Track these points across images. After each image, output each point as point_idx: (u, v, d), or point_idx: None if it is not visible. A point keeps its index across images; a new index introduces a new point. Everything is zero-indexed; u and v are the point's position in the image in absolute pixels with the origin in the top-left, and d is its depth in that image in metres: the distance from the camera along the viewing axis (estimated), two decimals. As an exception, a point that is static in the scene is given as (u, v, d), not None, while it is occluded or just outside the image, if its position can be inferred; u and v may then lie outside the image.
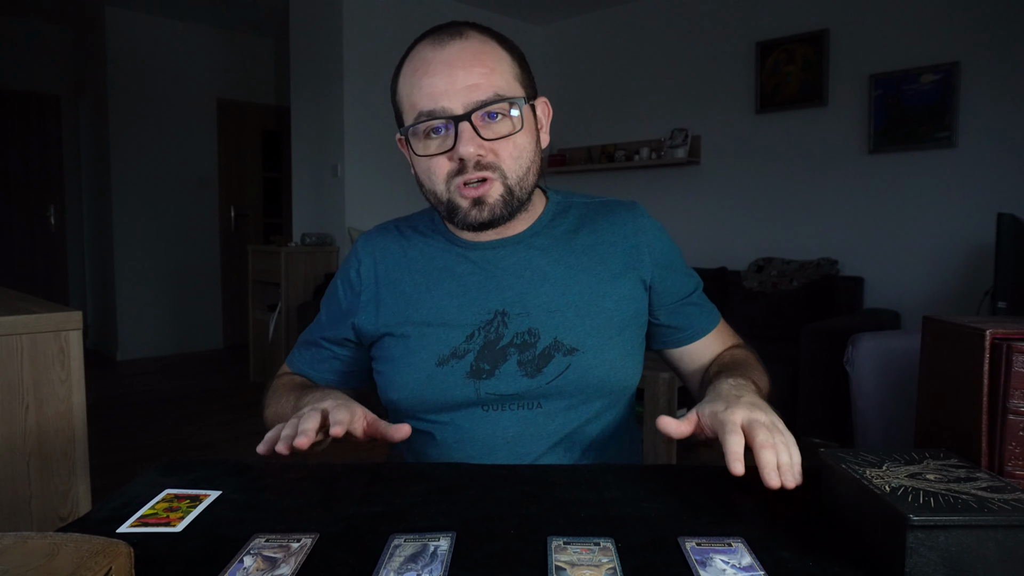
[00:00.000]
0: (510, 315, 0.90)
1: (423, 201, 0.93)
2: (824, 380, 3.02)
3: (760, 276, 3.97)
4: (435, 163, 0.85)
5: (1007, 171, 3.32)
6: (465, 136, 0.82)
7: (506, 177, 0.85)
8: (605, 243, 0.95)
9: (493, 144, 0.84)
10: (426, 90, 0.83)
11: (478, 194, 0.85)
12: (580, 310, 0.90)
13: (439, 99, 0.82)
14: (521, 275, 0.91)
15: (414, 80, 0.85)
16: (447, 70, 0.82)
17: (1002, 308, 2.41)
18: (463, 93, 0.82)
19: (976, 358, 0.65)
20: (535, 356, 0.88)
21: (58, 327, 1.41)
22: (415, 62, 0.86)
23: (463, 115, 0.82)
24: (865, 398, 1.36)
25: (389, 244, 0.99)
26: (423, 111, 0.83)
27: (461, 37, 0.85)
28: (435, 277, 0.93)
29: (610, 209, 0.98)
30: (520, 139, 0.86)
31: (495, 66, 0.84)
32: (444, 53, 0.83)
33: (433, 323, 0.91)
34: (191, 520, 0.63)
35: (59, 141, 5.58)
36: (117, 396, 4.24)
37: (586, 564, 0.54)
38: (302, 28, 4.61)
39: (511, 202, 0.87)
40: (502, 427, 0.89)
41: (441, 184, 0.86)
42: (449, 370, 0.89)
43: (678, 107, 4.55)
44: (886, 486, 0.55)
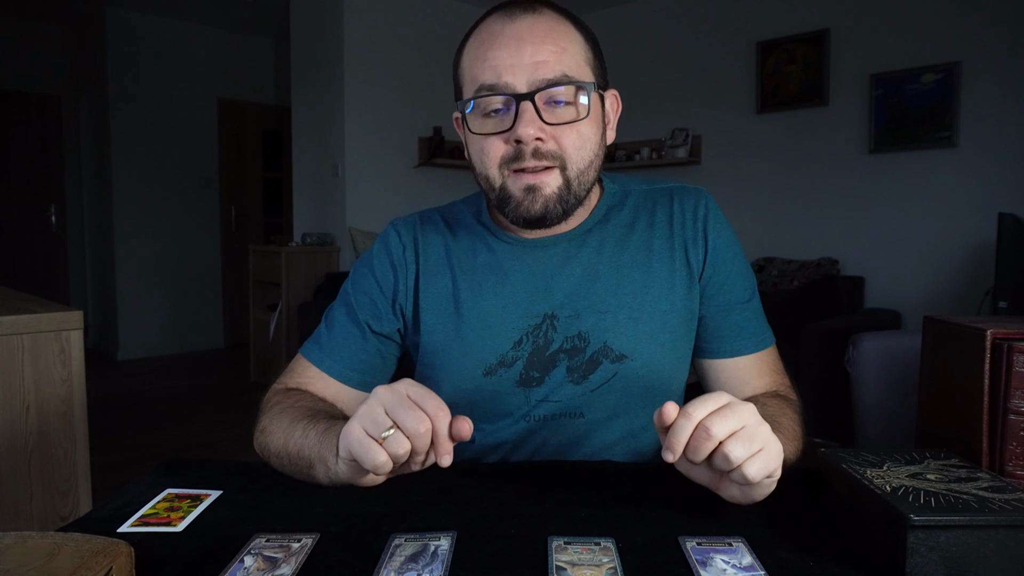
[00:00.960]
0: (559, 318, 0.84)
1: (423, 201, 0.91)
2: (825, 380, 3.01)
3: (761, 276, 3.97)
4: (490, 144, 0.78)
5: (1008, 171, 3.32)
6: (526, 117, 0.75)
7: (566, 168, 0.78)
8: (662, 236, 0.88)
9: (555, 130, 0.77)
10: (490, 63, 0.76)
11: (535, 180, 0.78)
12: (632, 312, 0.84)
13: (502, 73, 0.76)
14: (571, 275, 0.85)
15: (479, 52, 0.78)
16: (515, 44, 0.76)
17: (1003, 308, 2.41)
18: (529, 69, 0.75)
19: (977, 358, 0.65)
20: (583, 362, 0.84)
21: (59, 327, 1.41)
22: (482, 34, 0.80)
23: (526, 94, 0.75)
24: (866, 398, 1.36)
25: (431, 234, 0.91)
26: (484, 84, 0.77)
27: (534, 12, 0.78)
28: (480, 275, 0.87)
29: (671, 197, 0.90)
30: (585, 128, 0.79)
31: (567, 46, 0.78)
32: (514, 26, 0.77)
33: (477, 327, 0.85)
34: (192, 520, 0.63)
35: (60, 141, 5.59)
36: (118, 396, 4.24)
37: (587, 564, 0.54)
38: (302, 28, 4.62)
39: (567, 197, 0.79)
40: (542, 438, 0.86)
41: (494, 168, 0.79)
42: (497, 380, 0.84)
43: (679, 107, 4.55)
44: (887, 486, 0.55)
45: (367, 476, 0.65)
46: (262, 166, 6.06)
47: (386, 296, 0.89)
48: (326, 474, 0.68)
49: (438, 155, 4.59)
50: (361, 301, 0.90)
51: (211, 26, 5.59)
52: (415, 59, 4.58)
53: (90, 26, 5.30)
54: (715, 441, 0.58)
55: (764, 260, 4.04)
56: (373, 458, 0.60)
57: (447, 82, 0.88)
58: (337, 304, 0.92)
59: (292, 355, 0.94)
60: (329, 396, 0.88)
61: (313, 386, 0.88)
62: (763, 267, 4.00)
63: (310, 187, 4.67)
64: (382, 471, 0.61)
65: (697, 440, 0.59)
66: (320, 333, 0.91)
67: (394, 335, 0.91)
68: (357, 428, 0.61)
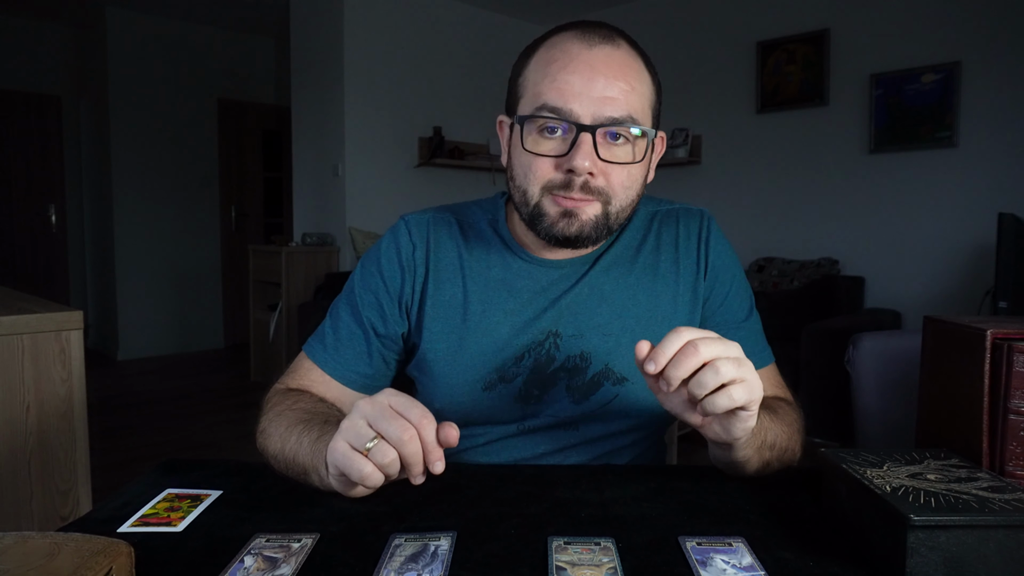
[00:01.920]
0: (563, 336, 0.85)
1: (423, 202, 0.90)
2: (825, 380, 3.02)
3: (761, 276, 3.97)
4: (540, 163, 0.77)
5: (1008, 171, 3.32)
6: (584, 148, 0.74)
7: (609, 204, 0.78)
8: (668, 259, 0.89)
9: (607, 167, 0.77)
10: (559, 84, 0.75)
11: (574, 206, 0.77)
12: (636, 335, 0.84)
13: (570, 100, 0.75)
14: (579, 294, 0.86)
15: (548, 71, 0.76)
16: (588, 72, 0.75)
17: (1003, 308, 2.41)
18: (597, 103, 0.74)
19: (977, 358, 0.65)
20: (584, 382, 0.85)
21: (59, 327, 1.41)
22: (554, 51, 0.77)
23: (589, 126, 0.74)
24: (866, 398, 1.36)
25: (443, 238, 0.89)
26: (548, 105, 0.75)
27: (612, 44, 0.78)
28: (492, 290, 0.87)
29: (676, 219, 0.91)
30: (635, 170, 0.79)
31: (637, 86, 0.78)
32: (591, 54, 0.76)
33: (483, 342, 0.85)
34: (192, 520, 0.63)
35: (60, 141, 5.59)
36: (118, 396, 4.24)
37: (587, 564, 0.54)
38: (303, 28, 4.62)
39: (603, 228, 0.79)
40: (535, 445, 0.87)
41: (536, 187, 0.78)
42: (496, 395, 0.85)
43: (679, 107, 4.55)
44: (887, 486, 0.55)
45: (357, 488, 0.65)
46: (262, 166, 6.06)
47: (392, 298, 0.88)
48: (320, 483, 0.68)
49: (438, 155, 4.59)
50: (367, 301, 0.88)
51: (211, 26, 5.59)
52: (415, 59, 4.58)
53: (90, 26, 5.30)
54: (701, 359, 0.59)
55: (764, 260, 4.04)
56: (359, 470, 0.60)
57: (447, 82, 0.88)
58: (343, 301, 0.91)
59: (292, 355, 0.92)
60: (331, 397, 0.87)
61: (315, 387, 0.87)
62: (763, 267, 4.00)
63: (310, 187, 4.67)
64: (370, 482, 0.61)
65: (683, 354, 0.60)
66: (325, 332, 0.90)
67: (399, 338, 0.90)
68: (341, 443, 0.61)
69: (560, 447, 0.87)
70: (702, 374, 0.60)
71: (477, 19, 4.90)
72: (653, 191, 0.89)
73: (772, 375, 0.91)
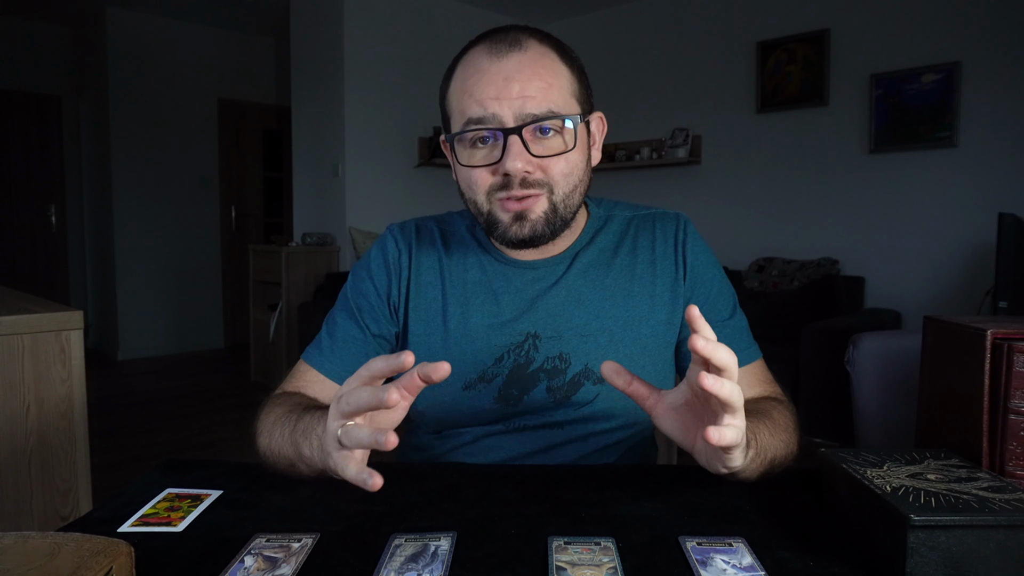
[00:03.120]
0: (542, 338, 0.87)
1: (423, 201, 0.92)
2: (825, 380, 3.01)
3: (761, 276, 3.97)
4: (478, 174, 0.81)
5: (1008, 171, 3.32)
6: (513, 150, 0.77)
7: (553, 193, 0.81)
8: (645, 261, 0.91)
9: (543, 161, 0.79)
10: (477, 97, 0.78)
11: (521, 207, 0.80)
12: (614, 336, 0.87)
13: (489, 107, 0.78)
14: (556, 296, 0.88)
15: (465, 87, 0.80)
16: (502, 81, 0.78)
17: (1003, 308, 2.41)
18: (516, 104, 0.77)
19: (977, 358, 0.65)
20: (564, 383, 0.86)
21: (59, 327, 1.41)
22: (468, 68, 0.80)
23: (514, 128, 0.77)
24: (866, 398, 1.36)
25: (425, 245, 0.93)
26: (472, 118, 0.79)
27: (520, 49, 0.79)
28: (469, 292, 0.89)
29: (652, 223, 0.93)
30: (572, 156, 0.81)
31: (553, 80, 0.79)
32: (501, 64, 0.78)
33: (462, 342, 0.87)
34: (192, 520, 0.63)
35: (60, 141, 5.59)
36: (118, 396, 4.24)
37: (587, 564, 0.54)
38: (303, 28, 4.62)
39: (554, 220, 0.82)
40: (521, 444, 0.88)
41: (482, 195, 0.81)
42: (476, 395, 0.87)
43: (679, 107, 4.55)
44: (887, 486, 0.55)
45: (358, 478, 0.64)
46: (262, 166, 6.06)
47: (382, 298, 0.91)
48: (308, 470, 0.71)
49: (438, 155, 4.58)
50: (360, 304, 0.92)
51: (211, 26, 5.59)
52: (415, 59, 4.58)
53: (90, 26, 5.30)
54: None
55: (764, 260, 4.04)
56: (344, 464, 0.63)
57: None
58: (337, 309, 0.94)
59: (292, 355, 0.94)
60: (327, 399, 0.88)
61: (311, 389, 0.89)
62: (763, 267, 4.00)
63: (310, 187, 4.67)
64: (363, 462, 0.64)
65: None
66: (321, 338, 0.93)
67: (391, 337, 0.93)
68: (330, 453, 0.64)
69: (546, 446, 0.88)
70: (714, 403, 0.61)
71: (477, 19, 4.90)
72: (654, 189, 0.90)
73: (760, 371, 0.92)
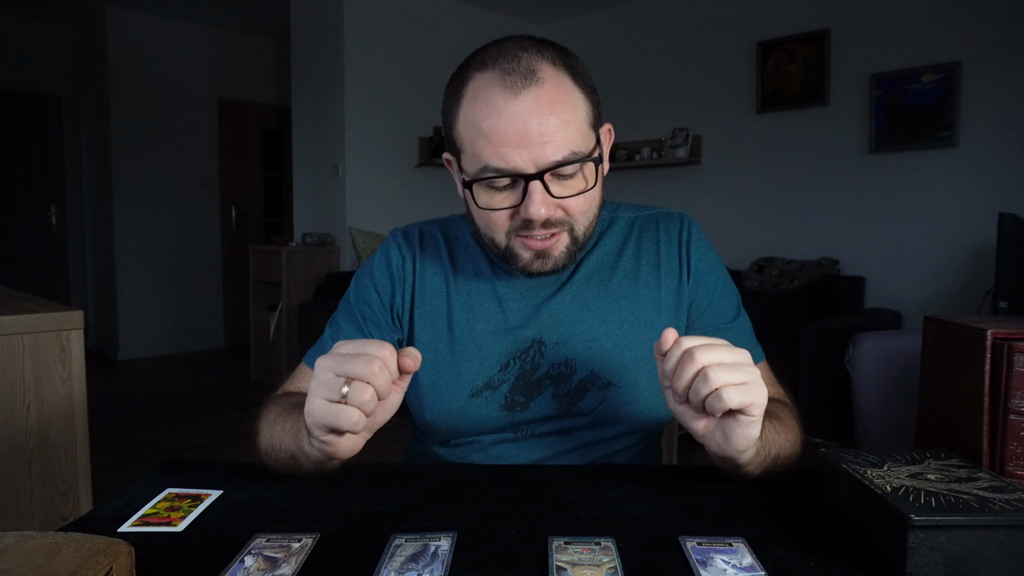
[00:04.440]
0: (547, 344, 0.86)
1: (423, 201, 0.91)
2: (825, 380, 3.01)
3: (761, 276, 3.97)
4: (497, 216, 0.78)
5: (1008, 171, 3.32)
6: (536, 198, 0.74)
7: (574, 230, 0.80)
8: (649, 264, 0.90)
9: (563, 201, 0.77)
10: (494, 143, 0.74)
11: (544, 247, 0.79)
12: (619, 340, 0.86)
13: (509, 156, 0.74)
14: (561, 302, 0.87)
15: (480, 126, 0.75)
16: (520, 122, 0.73)
17: (1003, 308, 2.41)
18: (536, 149, 0.74)
19: (977, 358, 0.65)
20: (570, 389, 0.86)
21: (59, 327, 1.41)
22: (480, 104, 0.75)
23: (534, 175, 0.74)
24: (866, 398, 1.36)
25: (430, 250, 0.92)
26: (490, 167, 0.75)
27: (536, 83, 0.74)
28: (474, 299, 0.89)
29: (656, 224, 0.92)
30: (591, 193, 0.79)
31: (571, 117, 0.76)
32: (517, 105, 0.74)
33: (468, 349, 0.87)
34: (192, 519, 0.63)
35: (60, 141, 5.59)
36: (118, 396, 4.24)
37: (587, 564, 0.54)
38: (303, 28, 4.62)
39: (575, 251, 0.82)
40: (529, 452, 0.88)
41: (501, 235, 0.80)
42: (482, 401, 0.86)
43: (679, 107, 4.55)
44: (887, 486, 0.55)
45: (341, 444, 0.64)
46: (262, 166, 6.06)
47: (385, 306, 0.91)
48: (307, 462, 0.69)
49: (438, 155, 4.58)
50: (363, 311, 0.91)
51: (211, 26, 5.59)
52: (415, 59, 4.58)
53: (90, 26, 5.30)
54: (698, 365, 0.60)
55: (764, 260, 4.04)
56: (347, 418, 0.60)
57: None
58: (340, 314, 0.93)
59: (292, 355, 0.94)
60: None
61: None
62: (763, 267, 4.00)
63: (310, 187, 4.67)
64: (359, 426, 0.61)
65: (681, 364, 0.61)
66: (324, 342, 0.92)
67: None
68: (317, 400, 0.62)
69: (553, 454, 0.87)
70: (696, 382, 0.61)
71: (477, 19, 4.90)
72: (654, 189, 0.90)
73: (764, 373, 0.91)
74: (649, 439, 0.93)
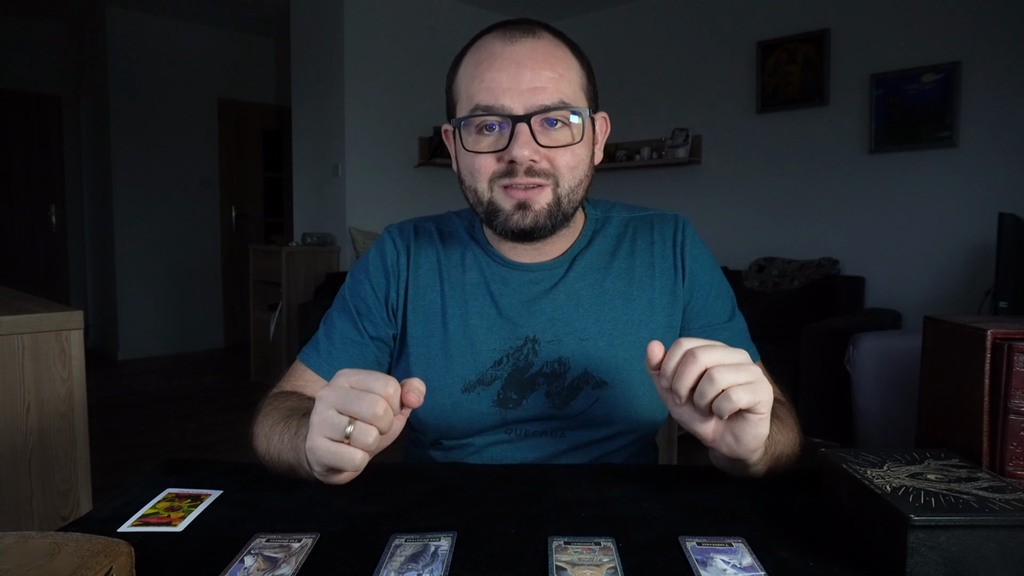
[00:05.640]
0: (541, 342, 0.86)
1: (424, 201, 0.91)
2: (825, 380, 3.01)
3: (761, 276, 3.97)
4: (482, 160, 0.80)
5: (1008, 171, 3.32)
6: (521, 138, 0.76)
7: (558, 185, 0.80)
8: (643, 264, 0.90)
9: (549, 152, 0.79)
10: (487, 84, 0.77)
11: (526, 197, 0.79)
12: (613, 340, 0.86)
13: (500, 96, 0.77)
14: (555, 300, 0.87)
15: (476, 72, 0.79)
16: (514, 67, 0.77)
17: (1003, 308, 2.41)
18: (527, 94, 0.77)
19: (977, 358, 0.65)
20: (564, 388, 0.86)
21: (59, 327, 1.41)
22: (480, 53, 0.80)
23: (523, 116, 0.77)
24: (866, 398, 1.36)
25: (424, 245, 0.92)
26: (480, 105, 0.78)
27: (533, 36, 0.79)
28: (468, 293, 0.89)
29: (650, 225, 0.93)
30: (579, 149, 0.81)
31: (564, 72, 0.79)
32: (513, 49, 0.78)
33: (462, 344, 0.87)
34: (192, 519, 0.63)
35: (60, 141, 5.59)
36: (118, 396, 4.24)
37: (587, 564, 0.54)
38: (303, 28, 4.62)
39: (556, 213, 0.81)
40: (523, 453, 0.87)
41: (484, 182, 0.80)
42: (475, 397, 0.86)
43: (679, 107, 4.55)
44: (887, 486, 0.55)
45: (342, 478, 0.63)
46: (262, 166, 6.06)
47: (380, 301, 0.91)
48: (308, 476, 0.68)
49: (438, 155, 4.59)
50: (358, 307, 0.91)
51: (211, 26, 5.59)
52: (415, 59, 4.58)
53: (90, 26, 5.30)
54: (701, 366, 0.59)
55: (764, 260, 4.04)
56: (351, 460, 0.58)
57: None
58: (335, 310, 0.93)
59: (292, 355, 0.94)
60: None
61: (308, 389, 0.88)
62: (763, 267, 4.00)
63: (310, 187, 4.67)
64: (362, 467, 0.60)
65: (683, 365, 0.60)
66: (318, 339, 0.92)
67: (389, 340, 0.92)
68: (319, 439, 0.59)
69: (548, 455, 0.87)
70: (701, 383, 0.60)
71: (477, 19, 4.89)
72: (654, 189, 0.90)
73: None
74: (643, 440, 0.93)
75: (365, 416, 0.57)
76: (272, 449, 0.73)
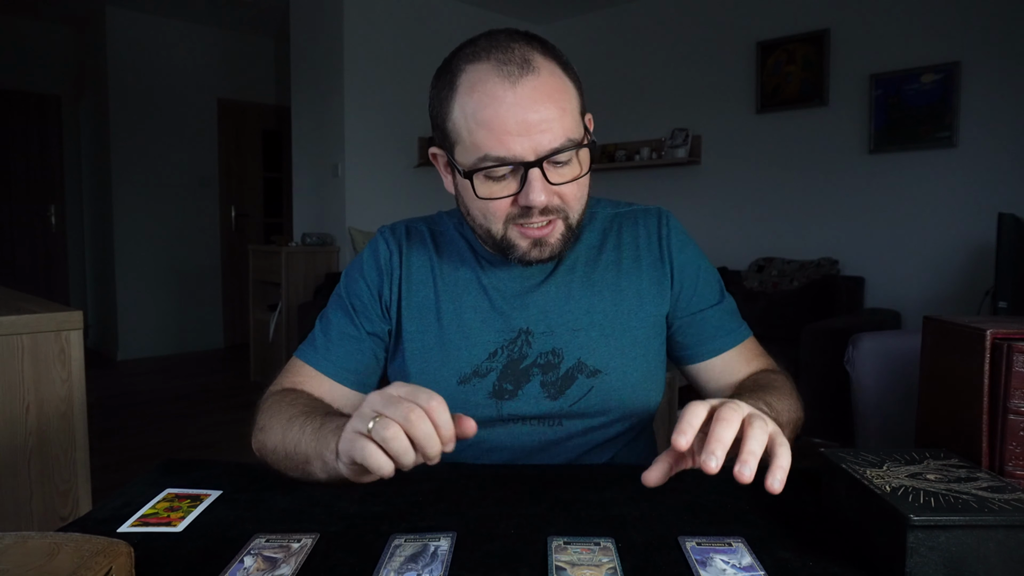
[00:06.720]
0: (534, 334, 0.88)
1: (423, 201, 0.91)
2: (825, 380, 3.01)
3: (761, 276, 3.97)
4: (496, 205, 0.80)
5: (1008, 171, 3.32)
6: (537, 185, 0.76)
7: (569, 218, 0.82)
8: (630, 257, 0.93)
9: (559, 188, 0.79)
10: (496, 133, 0.75)
11: (541, 235, 0.81)
12: (604, 329, 0.89)
13: (510, 145, 0.75)
14: (546, 293, 0.90)
15: (479, 117, 0.76)
16: (519, 111, 0.75)
17: (1003, 308, 2.41)
18: (535, 136, 0.76)
19: (977, 358, 0.65)
20: (558, 377, 0.88)
21: (59, 327, 1.41)
22: (478, 94, 0.76)
23: (534, 162, 0.76)
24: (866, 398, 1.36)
25: (416, 244, 0.95)
26: (491, 156, 0.76)
27: (532, 72, 0.76)
28: (461, 289, 0.91)
29: (635, 219, 0.95)
30: (584, 179, 0.82)
31: (565, 104, 0.78)
32: (516, 92, 0.75)
33: (456, 338, 0.89)
34: (192, 520, 0.63)
35: (60, 141, 5.59)
36: (117, 396, 4.24)
37: (586, 564, 0.54)
38: (302, 28, 4.62)
39: (569, 238, 0.84)
40: (521, 441, 0.89)
41: (499, 224, 0.81)
42: (471, 389, 0.88)
43: (679, 107, 4.55)
44: (887, 486, 0.55)
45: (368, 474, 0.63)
46: (262, 166, 6.06)
47: (374, 297, 0.92)
48: (323, 469, 0.68)
49: (438, 155, 4.58)
50: (355, 303, 0.93)
51: (211, 26, 5.59)
52: (415, 59, 4.58)
53: (90, 26, 5.30)
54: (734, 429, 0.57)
55: (764, 260, 4.04)
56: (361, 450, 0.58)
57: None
58: (331, 308, 0.95)
59: (292, 355, 0.95)
60: (323, 395, 0.89)
61: (307, 385, 0.89)
62: (763, 267, 4.00)
63: (310, 187, 4.67)
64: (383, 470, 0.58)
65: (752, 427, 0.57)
66: (315, 336, 0.93)
67: (385, 335, 0.93)
68: (348, 431, 0.60)
69: (544, 442, 0.89)
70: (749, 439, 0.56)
71: (477, 19, 4.90)
72: (654, 189, 0.91)
73: (753, 346, 0.97)
74: (638, 428, 0.94)
75: (394, 417, 0.58)
76: (289, 439, 0.72)
